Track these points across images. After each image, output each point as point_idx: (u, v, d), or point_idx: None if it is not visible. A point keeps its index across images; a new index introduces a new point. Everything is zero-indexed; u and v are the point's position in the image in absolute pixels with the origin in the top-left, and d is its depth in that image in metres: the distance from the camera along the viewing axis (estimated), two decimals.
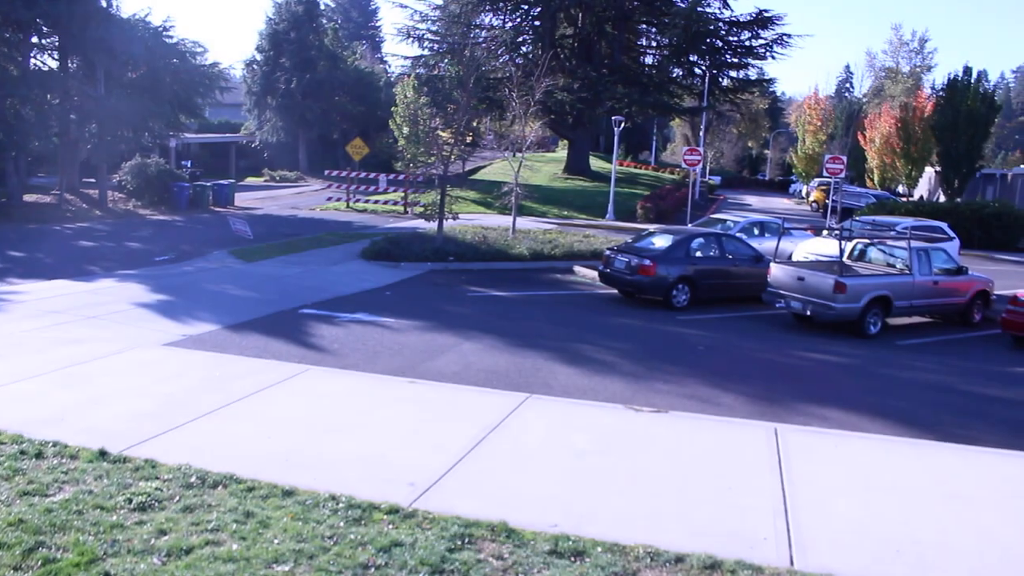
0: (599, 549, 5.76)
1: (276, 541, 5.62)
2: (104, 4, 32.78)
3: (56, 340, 11.16)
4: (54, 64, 33.53)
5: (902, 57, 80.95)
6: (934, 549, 6.05)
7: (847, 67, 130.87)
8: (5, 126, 28.96)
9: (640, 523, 6.27)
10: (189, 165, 50.76)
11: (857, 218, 25.01)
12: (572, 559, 5.62)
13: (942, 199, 44.73)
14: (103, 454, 7.01)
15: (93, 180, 35.34)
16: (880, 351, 14.14)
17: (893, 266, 16.52)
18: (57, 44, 32.83)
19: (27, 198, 31.60)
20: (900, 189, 56.87)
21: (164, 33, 35.06)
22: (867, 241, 17.43)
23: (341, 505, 6.24)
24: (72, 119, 32.20)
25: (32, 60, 32.30)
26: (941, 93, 47.58)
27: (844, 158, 35.80)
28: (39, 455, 6.95)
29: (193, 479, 6.60)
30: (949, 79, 45.86)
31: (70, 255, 20.57)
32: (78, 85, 31.99)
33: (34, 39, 32.16)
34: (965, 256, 23.85)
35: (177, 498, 6.25)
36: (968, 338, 15.84)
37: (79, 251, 21.68)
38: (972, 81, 45.01)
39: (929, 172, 52.95)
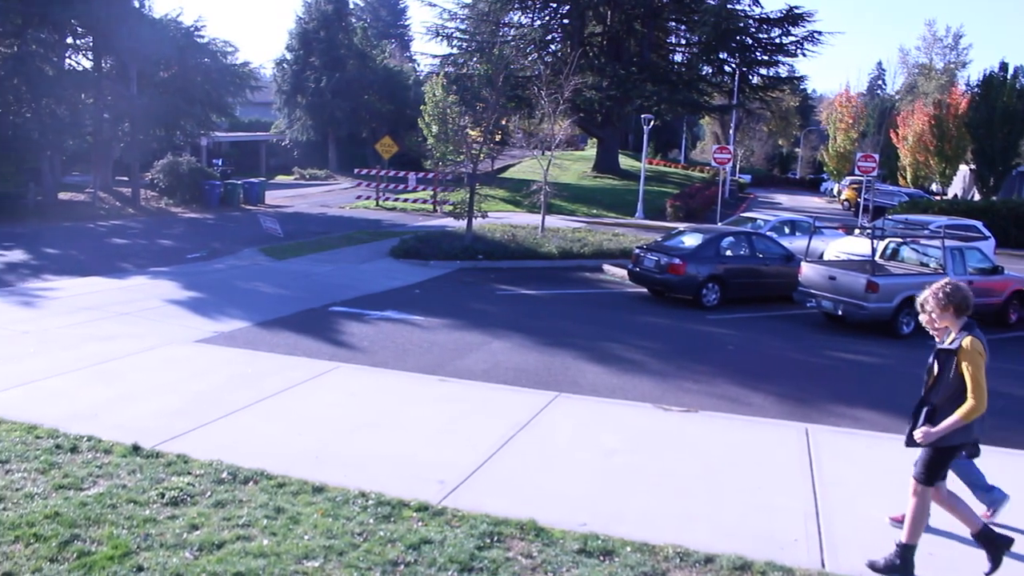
0: (628, 548, 5.73)
1: (306, 537, 5.66)
2: (137, 5, 33.33)
3: (89, 336, 11.32)
4: (88, 64, 34.10)
5: (936, 53, 79.95)
6: (965, 553, 5.95)
7: (879, 64, 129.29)
8: (41, 125, 29.47)
9: (669, 523, 6.23)
10: (220, 163, 51.35)
11: (889, 217, 24.69)
12: (601, 558, 5.60)
13: (977, 197, 44.08)
14: (136, 449, 7.09)
15: (126, 178, 35.89)
16: (913, 351, 13.90)
17: (927, 265, 16.27)
18: (91, 45, 33.39)
19: (62, 196, 32.12)
20: (934, 187, 56.07)
21: (195, 33, 35.50)
22: (900, 240, 17.18)
23: (371, 502, 6.26)
24: (105, 118, 32.68)
25: (67, 60, 32.90)
26: (976, 90, 46.85)
27: (876, 156, 35.45)
28: (74, 449, 7.05)
29: (224, 475, 6.65)
30: (984, 75, 45.18)
31: (103, 252, 20.86)
32: (111, 85, 32.47)
33: (69, 40, 32.74)
34: (1001, 255, 23.45)
35: (208, 493, 6.31)
36: (1003, 339, 15.54)
37: (112, 248, 21.98)
38: (1008, 77, 44.30)
39: (963, 170, 52.18)
